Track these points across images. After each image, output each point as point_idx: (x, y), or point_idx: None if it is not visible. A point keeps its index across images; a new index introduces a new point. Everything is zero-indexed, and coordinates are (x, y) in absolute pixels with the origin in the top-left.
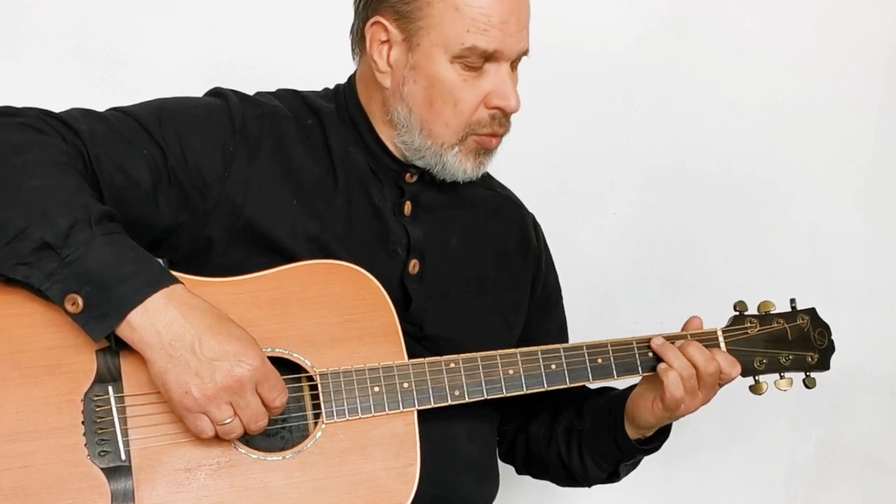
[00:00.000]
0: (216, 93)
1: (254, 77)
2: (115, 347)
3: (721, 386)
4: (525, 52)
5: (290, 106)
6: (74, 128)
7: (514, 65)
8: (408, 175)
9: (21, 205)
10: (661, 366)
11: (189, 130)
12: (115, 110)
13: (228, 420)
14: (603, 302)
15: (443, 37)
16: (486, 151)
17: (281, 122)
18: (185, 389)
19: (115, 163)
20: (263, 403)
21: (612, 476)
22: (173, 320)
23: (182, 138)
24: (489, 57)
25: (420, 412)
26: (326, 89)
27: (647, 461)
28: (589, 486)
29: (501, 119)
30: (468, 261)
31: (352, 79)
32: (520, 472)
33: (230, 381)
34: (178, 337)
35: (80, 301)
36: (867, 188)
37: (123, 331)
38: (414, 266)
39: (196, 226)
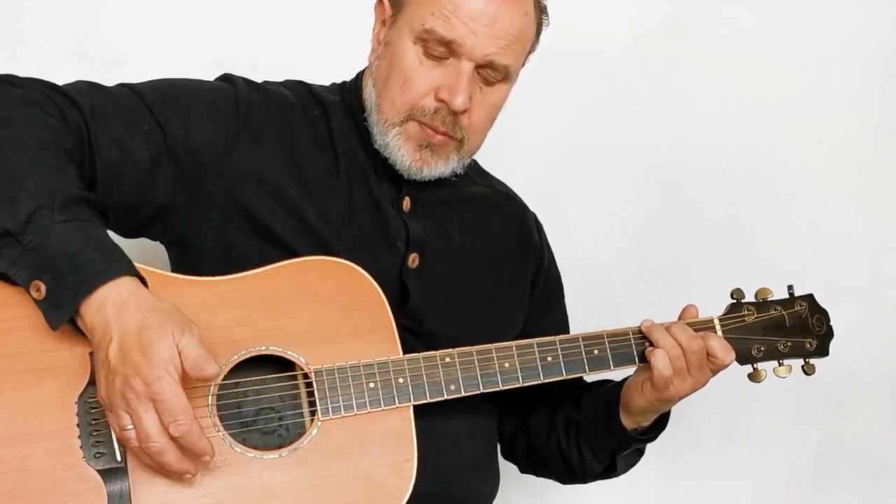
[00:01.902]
0: (225, 78)
1: (254, 77)
2: (75, 332)
3: (714, 373)
4: (495, 64)
5: (297, 95)
6: (76, 101)
7: (483, 73)
8: None
9: None
10: (650, 347)
11: (192, 113)
12: (123, 86)
13: (128, 427)
14: (603, 302)
15: (412, 15)
16: (430, 147)
17: (288, 111)
18: (98, 381)
19: (114, 138)
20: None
21: (610, 469)
22: (105, 318)
23: (184, 120)
24: (451, 49)
25: (421, 409)
26: (334, 84)
27: (647, 460)
28: (587, 480)
29: (445, 116)
30: (468, 257)
31: (360, 73)
32: (523, 469)
33: (125, 390)
34: (103, 336)
35: (42, 288)
36: (867, 188)
37: (78, 320)
38: (413, 260)
39: (193, 210)
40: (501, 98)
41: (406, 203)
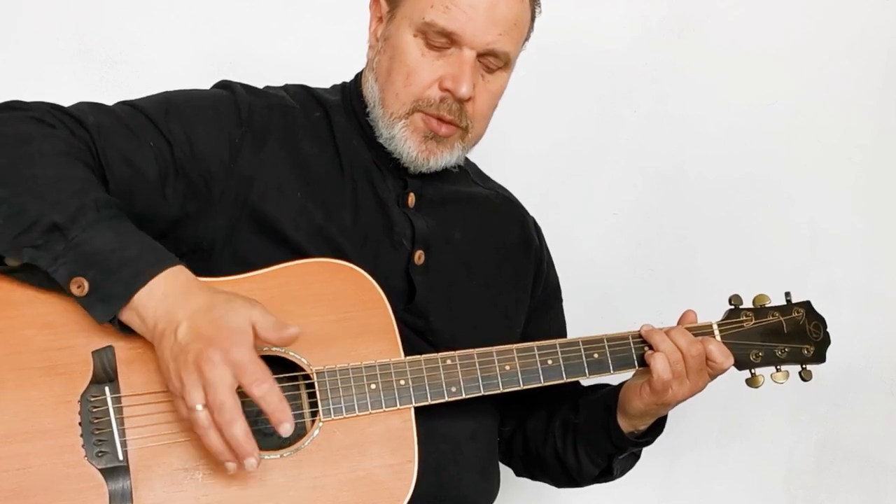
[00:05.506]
0: (224, 85)
1: (255, 77)
2: (120, 330)
3: (713, 377)
4: (496, 52)
5: (297, 98)
6: (82, 121)
7: (484, 61)
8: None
9: (38, 195)
10: (649, 351)
11: (195, 122)
12: (123, 104)
13: (199, 407)
14: (603, 302)
15: (411, 9)
16: (435, 138)
17: (288, 114)
18: (166, 372)
19: (122, 155)
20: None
21: (606, 473)
22: (170, 305)
23: (189, 130)
24: (452, 40)
25: (422, 411)
26: (335, 85)
27: (646, 462)
28: (583, 484)
29: (451, 105)
30: (471, 255)
31: (359, 73)
32: (518, 472)
33: (200, 362)
34: (169, 322)
35: (85, 284)
36: (867, 188)
37: (128, 314)
38: (419, 257)
39: (202, 216)
40: (502, 85)
41: (411, 199)
